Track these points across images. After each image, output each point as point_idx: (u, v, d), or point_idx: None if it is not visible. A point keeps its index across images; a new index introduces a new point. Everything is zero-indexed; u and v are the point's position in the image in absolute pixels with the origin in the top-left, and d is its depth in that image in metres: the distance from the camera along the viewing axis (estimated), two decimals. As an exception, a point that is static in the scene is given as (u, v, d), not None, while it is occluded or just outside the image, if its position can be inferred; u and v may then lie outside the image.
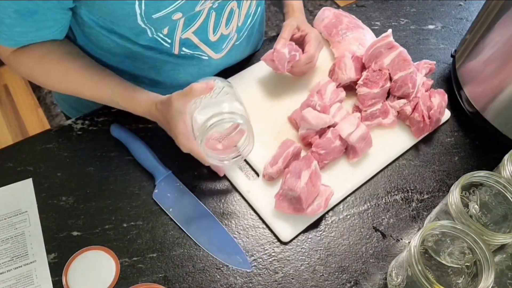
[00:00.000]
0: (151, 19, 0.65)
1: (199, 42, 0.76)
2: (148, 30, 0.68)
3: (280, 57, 0.79)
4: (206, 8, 0.71)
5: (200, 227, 0.70)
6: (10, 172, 0.74)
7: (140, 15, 0.64)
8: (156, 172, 0.74)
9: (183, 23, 0.70)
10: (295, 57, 0.81)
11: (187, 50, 0.76)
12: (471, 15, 1.04)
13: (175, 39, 0.73)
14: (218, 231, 0.70)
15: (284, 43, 0.80)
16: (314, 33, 0.84)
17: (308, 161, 0.70)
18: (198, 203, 0.72)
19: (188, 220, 0.70)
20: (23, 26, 0.64)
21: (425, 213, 0.73)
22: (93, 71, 0.73)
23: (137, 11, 0.63)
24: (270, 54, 0.80)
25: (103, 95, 0.73)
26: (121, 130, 0.77)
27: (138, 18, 0.64)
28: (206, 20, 0.73)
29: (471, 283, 0.57)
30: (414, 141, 0.81)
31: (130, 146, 0.76)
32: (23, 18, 0.63)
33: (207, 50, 0.78)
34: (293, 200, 0.68)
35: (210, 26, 0.74)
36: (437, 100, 0.80)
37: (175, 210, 0.71)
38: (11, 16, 0.62)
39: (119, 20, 0.67)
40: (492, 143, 0.81)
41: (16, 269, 0.65)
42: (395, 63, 0.79)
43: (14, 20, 0.63)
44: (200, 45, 0.77)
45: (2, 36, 0.66)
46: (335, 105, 0.78)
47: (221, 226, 0.70)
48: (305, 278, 0.66)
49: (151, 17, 0.65)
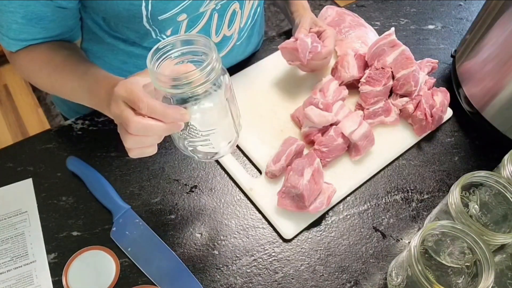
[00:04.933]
0: (157, 20, 0.65)
1: None
2: (153, 31, 0.68)
3: (303, 46, 0.76)
4: (209, 9, 0.71)
5: (161, 268, 0.65)
6: (10, 172, 0.74)
7: (146, 16, 0.64)
8: (114, 208, 0.70)
9: (186, 25, 0.70)
10: (317, 48, 0.78)
11: None
12: (471, 15, 1.04)
13: None
14: (179, 271, 0.66)
15: (306, 34, 0.78)
16: (331, 31, 0.83)
17: (310, 158, 0.70)
18: (160, 242, 0.68)
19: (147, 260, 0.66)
20: (31, 32, 0.64)
21: (425, 213, 0.73)
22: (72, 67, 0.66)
23: (143, 13, 0.63)
24: (291, 43, 0.77)
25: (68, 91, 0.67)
26: (77, 163, 0.74)
27: (144, 20, 0.64)
28: (209, 22, 0.73)
29: (471, 283, 0.57)
30: (416, 139, 0.81)
31: (87, 181, 0.72)
32: (31, 24, 0.63)
33: None
34: (295, 198, 0.68)
35: (213, 27, 0.75)
36: (440, 99, 0.80)
37: (133, 249, 0.67)
38: (18, 21, 0.62)
39: (125, 22, 0.66)
40: (492, 143, 0.81)
41: (16, 269, 0.65)
42: (398, 61, 0.79)
43: (22, 26, 0.63)
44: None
45: (10, 41, 0.66)
46: (337, 103, 0.78)
47: (182, 264, 0.66)
48: (305, 278, 0.66)
49: (157, 19, 0.65)
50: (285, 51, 0.80)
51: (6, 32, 0.64)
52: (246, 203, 0.73)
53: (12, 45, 0.67)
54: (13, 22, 0.62)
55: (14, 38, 0.65)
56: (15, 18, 0.61)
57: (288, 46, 0.78)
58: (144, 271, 0.65)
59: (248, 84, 0.86)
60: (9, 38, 0.65)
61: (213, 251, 0.68)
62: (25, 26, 0.63)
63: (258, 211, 0.72)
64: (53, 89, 0.70)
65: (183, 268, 0.66)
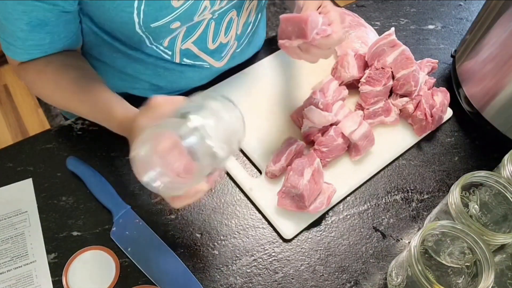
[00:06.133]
0: (150, 28, 0.65)
1: (199, 52, 0.76)
2: (146, 39, 0.68)
3: (314, 23, 0.62)
4: (206, 19, 0.70)
5: (161, 269, 0.66)
6: (10, 172, 0.74)
7: (139, 23, 0.64)
8: (114, 208, 0.70)
9: (183, 35, 0.70)
10: (326, 32, 0.64)
11: (188, 60, 0.76)
12: (471, 15, 1.04)
13: (176, 50, 0.73)
14: (179, 271, 0.65)
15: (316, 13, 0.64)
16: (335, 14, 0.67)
17: (311, 158, 0.70)
18: (160, 242, 0.68)
19: (147, 260, 0.66)
20: (36, 39, 0.64)
21: (425, 213, 0.73)
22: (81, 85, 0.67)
23: (135, 20, 0.63)
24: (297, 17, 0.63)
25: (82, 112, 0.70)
26: (77, 163, 0.74)
27: (136, 27, 0.65)
28: (206, 30, 0.73)
29: (471, 283, 0.57)
30: (416, 140, 0.81)
31: (87, 181, 0.72)
32: (35, 30, 0.63)
33: (208, 59, 0.78)
34: (295, 198, 0.68)
35: (210, 35, 0.75)
36: (440, 99, 0.80)
37: (133, 249, 0.67)
38: (23, 28, 0.62)
39: (118, 27, 0.67)
40: (492, 143, 0.81)
41: (16, 269, 0.65)
42: (398, 61, 0.79)
43: (27, 33, 0.63)
44: (200, 55, 0.77)
45: (17, 50, 0.66)
46: (337, 103, 0.78)
47: (182, 264, 0.66)
48: (305, 278, 0.66)
49: (149, 26, 0.65)
50: (287, 23, 0.64)
51: (14, 41, 0.64)
52: (246, 203, 0.73)
53: (19, 54, 0.66)
54: (19, 30, 0.62)
55: (21, 46, 0.65)
56: (20, 26, 0.61)
57: (295, 17, 0.63)
58: (144, 271, 0.65)
59: (248, 84, 0.86)
60: (17, 47, 0.65)
61: (213, 251, 0.68)
62: (30, 32, 0.63)
63: (258, 211, 0.72)
64: (68, 110, 0.73)
65: (183, 268, 0.66)
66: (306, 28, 0.61)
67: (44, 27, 0.63)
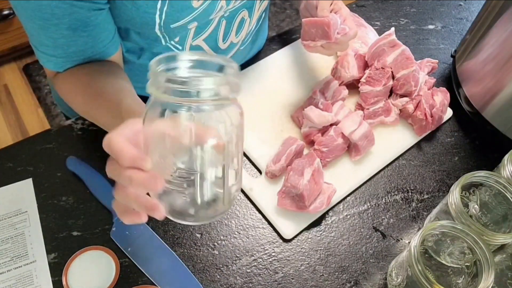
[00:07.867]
0: (169, 28, 0.65)
1: (209, 50, 0.76)
2: (162, 38, 0.68)
3: (335, 25, 0.70)
4: (217, 16, 0.71)
5: (161, 268, 0.65)
6: (10, 172, 0.74)
7: (159, 24, 0.64)
8: None
9: (194, 31, 0.71)
10: (345, 30, 0.71)
11: None
12: (471, 15, 1.04)
13: (186, 47, 0.73)
14: (179, 271, 0.66)
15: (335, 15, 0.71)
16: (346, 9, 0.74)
17: (311, 158, 0.70)
18: (160, 242, 0.68)
19: (147, 260, 0.66)
20: (78, 43, 0.61)
21: (425, 213, 0.73)
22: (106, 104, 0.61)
23: (156, 21, 0.63)
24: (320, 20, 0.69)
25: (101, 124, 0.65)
26: (77, 163, 0.73)
27: (156, 27, 0.64)
28: (217, 28, 0.73)
29: (471, 283, 0.57)
30: (416, 140, 0.81)
31: (87, 181, 0.72)
32: (77, 33, 0.60)
33: None
34: (295, 198, 0.68)
35: (220, 34, 0.75)
36: (440, 98, 0.80)
37: (133, 249, 0.66)
38: (64, 33, 0.59)
39: (137, 28, 0.66)
40: (492, 143, 0.81)
41: (16, 269, 0.65)
42: (398, 61, 0.79)
43: (69, 39, 0.60)
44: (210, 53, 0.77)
45: (59, 60, 0.63)
46: (337, 103, 0.79)
47: (182, 264, 0.66)
48: (305, 278, 0.66)
49: (169, 27, 0.65)
50: (310, 26, 0.70)
51: (53, 51, 0.61)
52: (246, 203, 0.73)
53: (61, 64, 0.63)
54: (60, 37, 0.59)
55: (63, 55, 0.62)
56: (60, 31, 0.58)
57: (318, 20, 0.69)
58: (144, 271, 0.65)
59: (248, 84, 0.86)
60: (58, 57, 0.62)
61: (213, 251, 0.68)
62: (72, 37, 0.60)
63: (258, 211, 0.72)
64: (88, 117, 0.69)
65: (183, 268, 0.66)
66: (329, 30, 0.69)
67: (85, 29, 0.60)
